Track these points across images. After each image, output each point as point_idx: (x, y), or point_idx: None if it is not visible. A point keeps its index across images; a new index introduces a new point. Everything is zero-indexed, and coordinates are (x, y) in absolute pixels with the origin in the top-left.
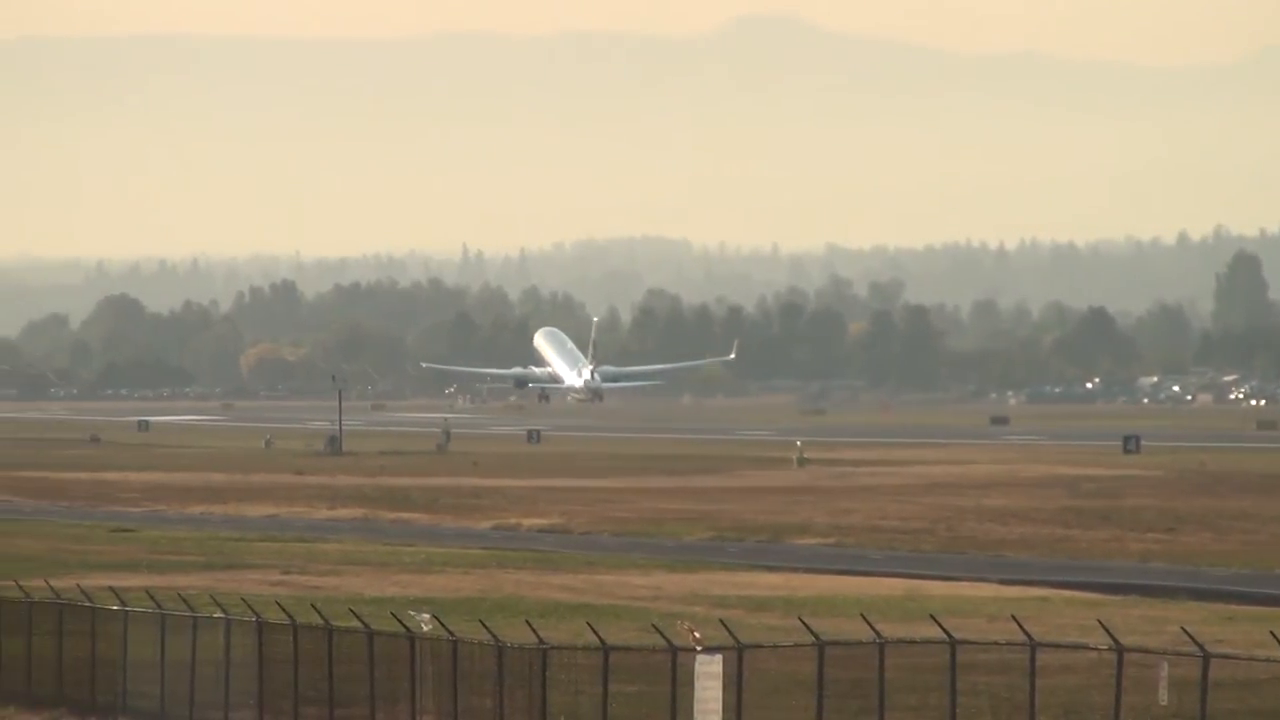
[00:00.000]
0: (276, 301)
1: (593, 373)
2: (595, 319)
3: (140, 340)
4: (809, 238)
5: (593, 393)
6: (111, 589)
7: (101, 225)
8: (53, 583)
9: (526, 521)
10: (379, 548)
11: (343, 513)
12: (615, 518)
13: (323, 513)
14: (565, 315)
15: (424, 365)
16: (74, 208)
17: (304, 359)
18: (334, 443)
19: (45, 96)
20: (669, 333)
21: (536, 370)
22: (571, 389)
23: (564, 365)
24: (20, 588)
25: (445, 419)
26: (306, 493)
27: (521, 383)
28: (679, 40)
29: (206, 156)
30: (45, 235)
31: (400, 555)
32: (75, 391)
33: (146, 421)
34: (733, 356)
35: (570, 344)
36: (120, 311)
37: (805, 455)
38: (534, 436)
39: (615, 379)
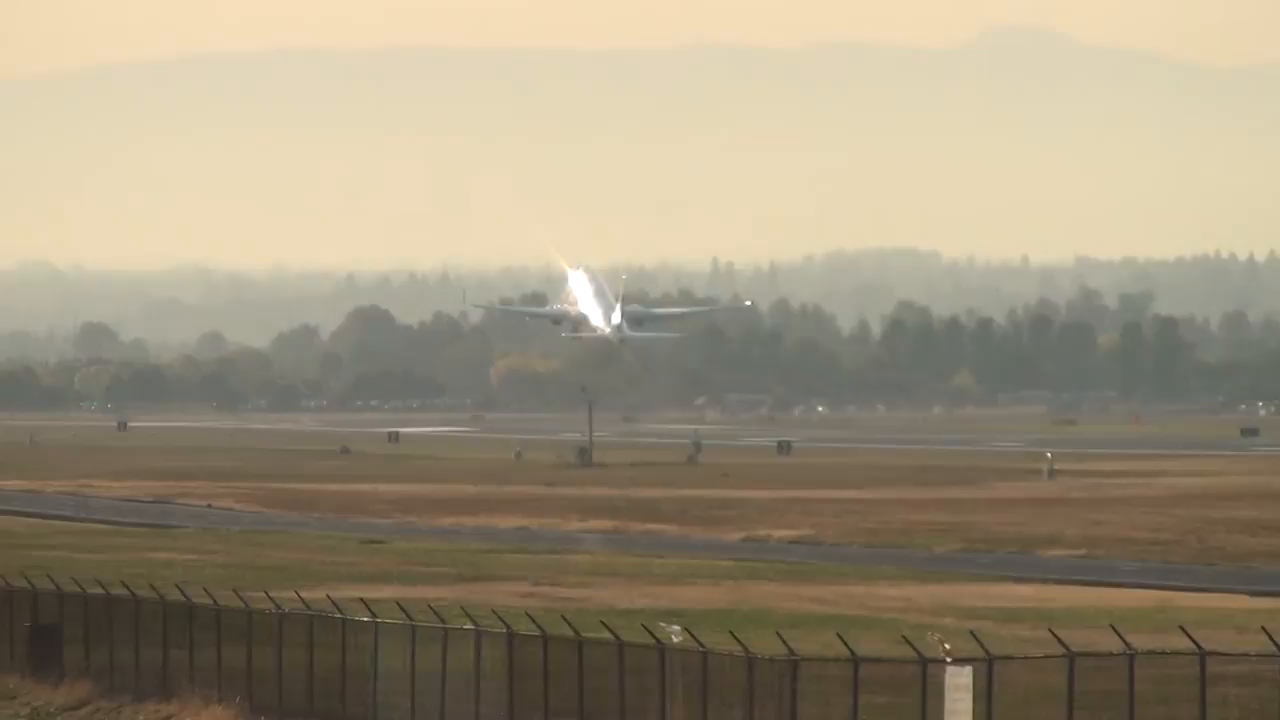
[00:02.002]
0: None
1: (620, 320)
2: (624, 276)
3: (390, 351)
4: (1059, 249)
5: (618, 339)
6: (362, 600)
7: (352, 237)
8: (303, 594)
9: (777, 533)
10: (629, 559)
11: (593, 524)
12: (866, 529)
13: (573, 524)
14: (815, 328)
15: (470, 305)
16: (324, 219)
17: (554, 370)
18: (584, 454)
19: (288, 106)
20: (919, 345)
21: (570, 310)
22: (599, 330)
23: (595, 307)
24: (271, 599)
25: (695, 430)
26: (557, 504)
27: (557, 320)
28: (927, 51)
29: (455, 167)
30: (296, 247)
31: (650, 566)
32: (325, 403)
33: (397, 433)
34: (749, 304)
35: (605, 288)
36: (370, 323)
37: (1055, 466)
38: (784, 448)
39: (640, 320)
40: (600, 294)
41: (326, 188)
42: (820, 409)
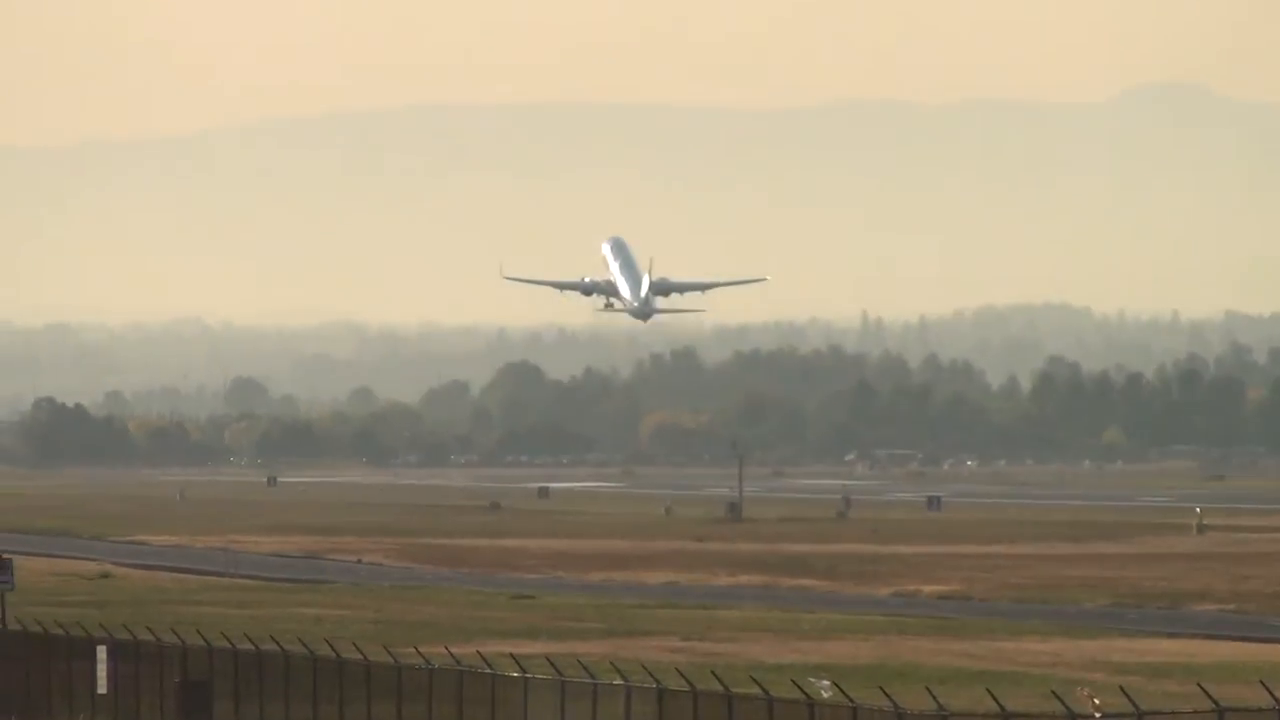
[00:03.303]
0: (677, 368)
1: (646, 294)
2: (651, 258)
3: (540, 407)
4: (1208, 304)
5: (644, 310)
6: (512, 656)
7: (502, 293)
8: (453, 649)
9: (926, 588)
10: (779, 614)
11: (743, 579)
12: (1015, 584)
13: (722, 579)
14: (964, 383)
15: (506, 277)
16: (475, 275)
17: (704, 426)
18: (734, 509)
19: (439, 161)
20: (1068, 400)
21: (599, 280)
22: (627, 302)
23: (623, 279)
24: (421, 654)
25: (845, 485)
26: (706, 559)
27: (587, 290)
28: (1073, 106)
29: (606, 223)
30: (447, 303)
31: (800, 622)
32: (476, 458)
33: (547, 488)
34: (767, 278)
35: (634, 259)
36: (521, 378)
37: (1205, 521)
38: (934, 503)
39: (666, 291)
40: (628, 267)
41: (477, 243)
42: (970, 464)
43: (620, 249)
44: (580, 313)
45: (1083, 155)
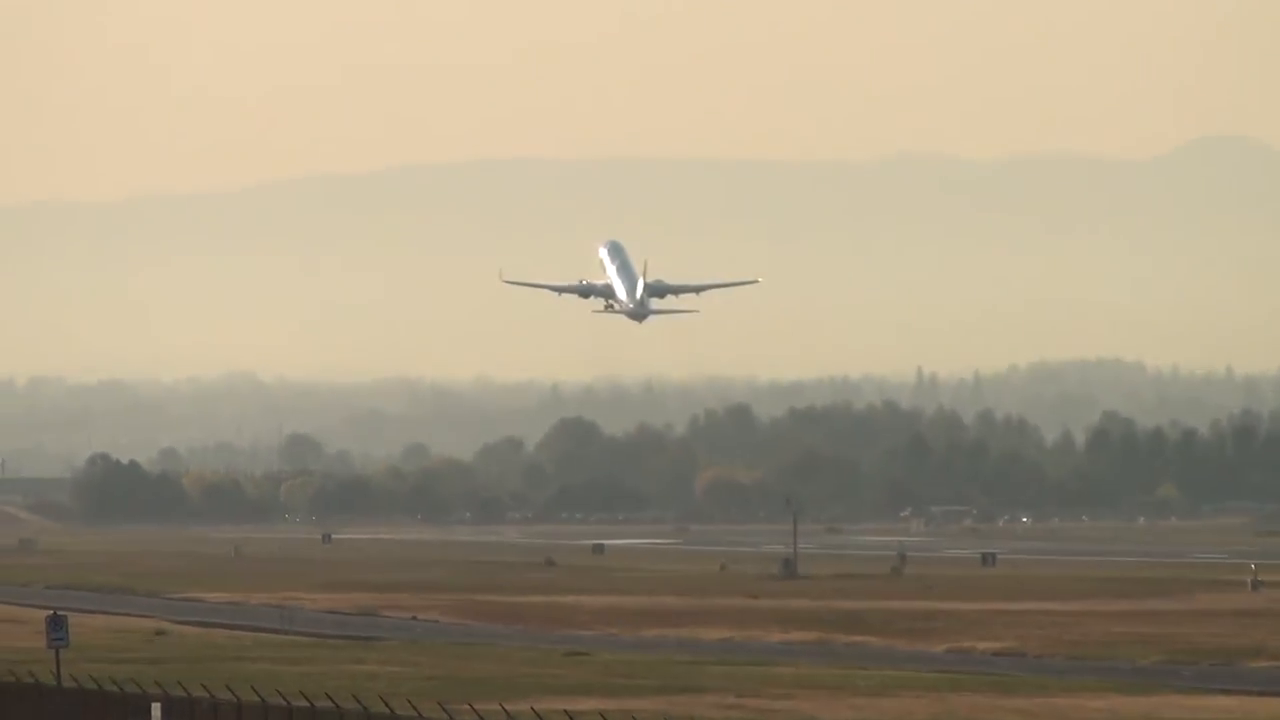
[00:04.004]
0: (730, 425)
1: (642, 295)
2: (645, 260)
3: (595, 463)
4: (1264, 360)
5: (639, 312)
6: (566, 713)
7: (556, 349)
8: (507, 706)
9: (981, 644)
10: (833, 671)
11: (797, 636)
12: (1069, 640)
13: (777, 636)
14: (1019, 439)
15: (505, 281)
16: (528, 331)
17: (758, 482)
18: (788, 566)
19: (492, 217)
20: (1123, 456)
21: (596, 283)
22: (622, 303)
23: (619, 281)
24: (476, 711)
25: (900, 542)
26: (761, 616)
27: (585, 293)
28: (1126, 162)
29: (649, 277)
30: (500, 359)
31: (854, 678)
32: (530, 514)
33: (601, 545)
34: (759, 280)
35: (630, 262)
36: (575, 434)
37: (1260, 578)
38: (988, 559)
39: (661, 293)
40: (625, 269)
41: (530, 299)
42: (1024, 520)
43: (617, 252)
44: (633, 370)
45: (1135, 209)
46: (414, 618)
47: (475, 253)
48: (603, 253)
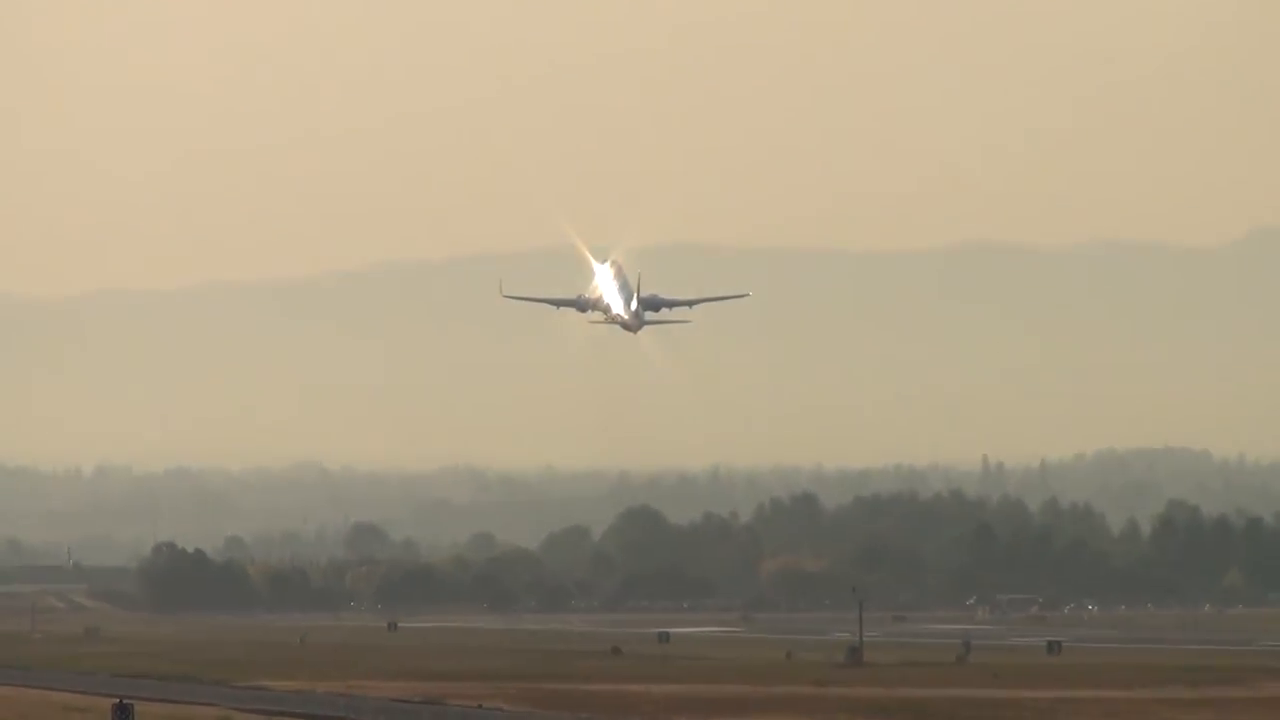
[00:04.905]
0: (796, 513)
1: (637, 307)
2: (639, 273)
3: (660, 551)
4: None
5: (634, 323)
6: None
7: (622, 438)
8: None
9: None
10: None
11: None
12: None
13: None
14: (1085, 527)
15: (506, 295)
16: (594, 420)
17: (824, 570)
18: (854, 653)
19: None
20: (1189, 544)
21: (590, 297)
22: (618, 316)
23: (615, 295)
24: None
25: (965, 630)
26: (827, 704)
27: (582, 307)
28: (1194, 249)
29: (724, 370)
30: (566, 448)
31: None
32: (596, 603)
33: (667, 633)
34: (748, 294)
35: (626, 278)
36: (641, 523)
37: None
38: (1054, 647)
39: (655, 306)
40: (623, 284)
41: (596, 388)
42: (1090, 608)
43: (616, 271)
44: (699, 459)
45: (1201, 299)
46: (480, 706)
47: (540, 342)
48: (599, 271)
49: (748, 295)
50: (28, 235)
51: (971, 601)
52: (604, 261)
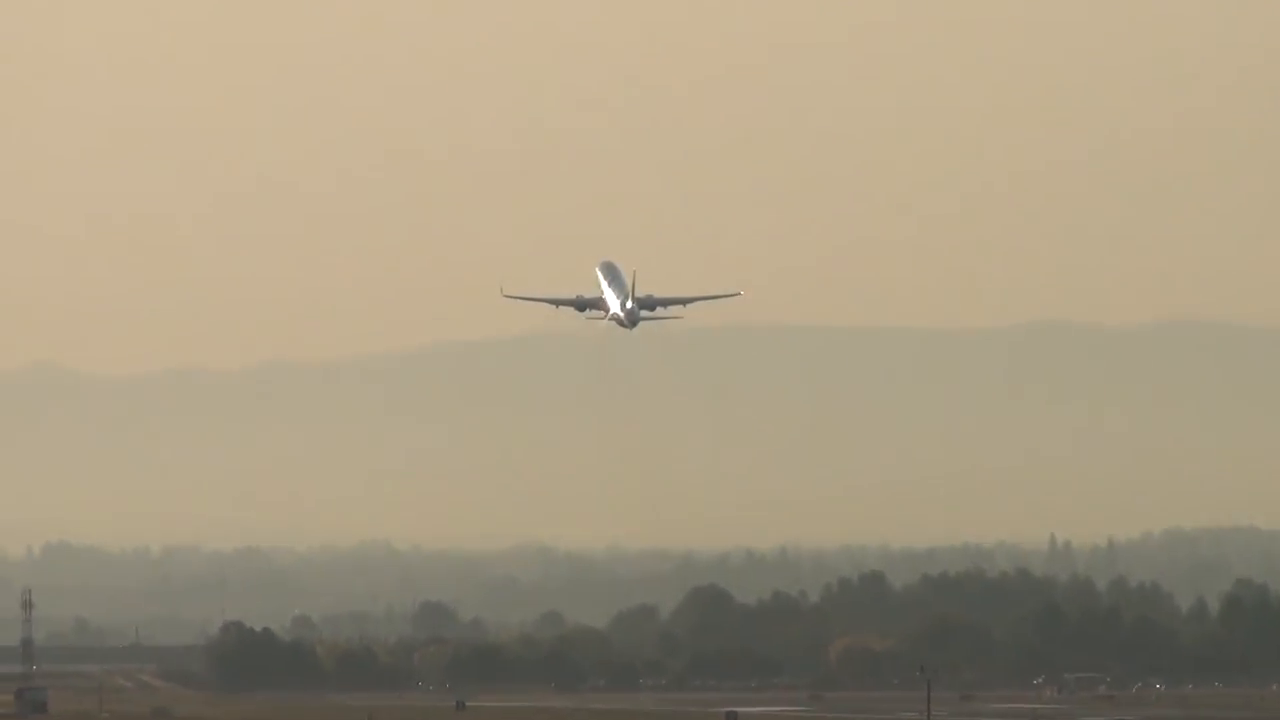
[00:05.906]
0: (864, 591)
1: (632, 306)
2: (634, 271)
3: (728, 631)
4: None
5: (629, 320)
6: None
7: (689, 517)
8: None
9: None
10: None
11: None
12: None
13: None
14: (1152, 605)
15: (506, 295)
16: (662, 499)
17: (891, 649)
18: None
19: (625, 384)
20: (1257, 623)
21: (589, 296)
22: (614, 314)
23: (611, 294)
24: None
25: (1033, 709)
26: None
27: (581, 306)
28: (1263, 330)
29: (790, 445)
30: (634, 526)
31: None
32: (664, 682)
33: (735, 713)
34: (739, 293)
35: (624, 277)
36: (709, 602)
37: None
38: None
39: (651, 305)
40: (618, 284)
41: (663, 467)
42: (1158, 687)
43: (610, 269)
44: (767, 537)
45: (1270, 377)
46: None
47: (607, 418)
48: (599, 270)
49: (739, 294)
50: (98, 314)
51: (1039, 680)
52: (601, 263)
